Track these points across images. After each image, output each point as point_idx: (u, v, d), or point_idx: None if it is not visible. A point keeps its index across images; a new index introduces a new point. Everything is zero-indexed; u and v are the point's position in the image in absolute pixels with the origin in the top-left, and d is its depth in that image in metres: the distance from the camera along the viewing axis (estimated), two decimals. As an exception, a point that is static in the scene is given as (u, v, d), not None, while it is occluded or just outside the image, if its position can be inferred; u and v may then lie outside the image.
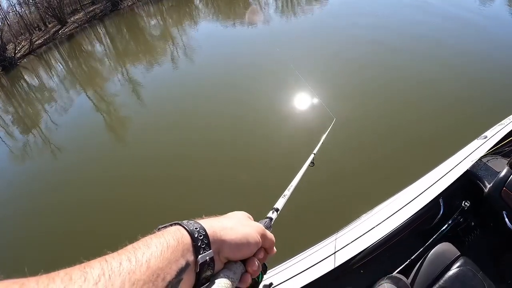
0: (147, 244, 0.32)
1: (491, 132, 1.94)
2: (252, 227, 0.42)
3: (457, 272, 1.34)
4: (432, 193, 1.59)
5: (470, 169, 1.62)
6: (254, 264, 0.41)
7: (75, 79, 10.22)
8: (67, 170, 5.12)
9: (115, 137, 5.92)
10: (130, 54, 10.95)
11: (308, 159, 1.11)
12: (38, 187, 4.99)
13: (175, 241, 0.34)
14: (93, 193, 4.30)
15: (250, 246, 0.40)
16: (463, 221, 1.59)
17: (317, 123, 3.78)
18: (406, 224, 1.52)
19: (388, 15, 7.48)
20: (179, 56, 9.04)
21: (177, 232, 0.35)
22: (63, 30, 17.04)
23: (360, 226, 1.64)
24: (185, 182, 3.87)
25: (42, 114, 8.29)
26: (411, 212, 1.54)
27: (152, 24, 14.54)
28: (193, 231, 0.35)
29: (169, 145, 4.77)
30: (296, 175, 0.86)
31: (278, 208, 0.61)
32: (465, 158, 1.75)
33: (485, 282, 1.32)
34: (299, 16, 9.42)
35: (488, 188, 1.50)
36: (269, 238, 0.44)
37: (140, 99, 6.92)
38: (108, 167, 4.79)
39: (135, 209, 3.70)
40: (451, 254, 1.41)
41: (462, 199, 1.56)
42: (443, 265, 1.38)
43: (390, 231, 1.50)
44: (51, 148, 6.16)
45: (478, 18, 6.39)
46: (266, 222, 0.53)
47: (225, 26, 10.78)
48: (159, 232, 0.35)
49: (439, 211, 1.58)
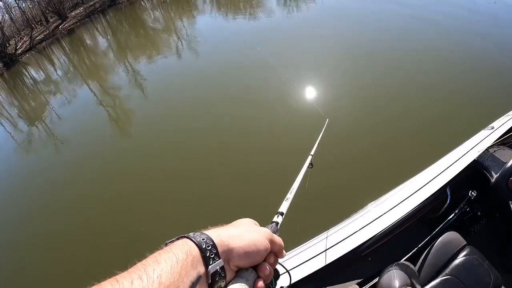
0: (156, 260, 0.32)
1: (498, 123, 1.95)
2: (259, 232, 0.42)
3: (464, 261, 1.35)
4: (439, 182, 1.58)
5: (477, 159, 1.62)
6: (266, 269, 0.40)
7: (77, 74, 10.18)
8: (69, 163, 5.11)
9: (118, 130, 5.91)
10: (131, 47, 10.87)
11: (306, 161, 1.11)
12: (39, 182, 4.96)
13: (183, 254, 0.34)
14: (94, 186, 4.28)
15: (259, 251, 0.40)
16: (469, 211, 1.60)
17: (312, 124, 3.69)
18: (413, 212, 1.53)
19: (377, 12, 7.34)
20: (182, 48, 8.97)
21: (184, 245, 0.35)
22: (63, 26, 16.95)
23: (368, 214, 1.64)
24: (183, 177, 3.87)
25: (45, 107, 8.28)
26: (419, 200, 1.54)
27: (152, 17, 14.43)
28: (200, 242, 0.35)
29: (170, 138, 4.77)
30: (296, 178, 0.86)
31: (282, 212, 0.61)
32: (472, 148, 1.75)
33: (491, 272, 1.32)
34: (293, 11, 9.25)
35: (495, 178, 1.50)
36: (278, 242, 0.44)
37: (143, 91, 6.89)
38: (111, 160, 4.79)
39: (139, 202, 3.70)
40: (458, 243, 1.42)
41: (469, 188, 1.56)
42: (450, 254, 1.39)
43: (398, 219, 1.50)
44: (55, 141, 6.16)
45: (486, 8, 6.29)
46: (272, 226, 0.53)
47: (215, 19, 10.69)
48: (166, 247, 0.35)
49: (446, 200, 1.59)
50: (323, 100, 4.59)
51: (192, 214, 3.23)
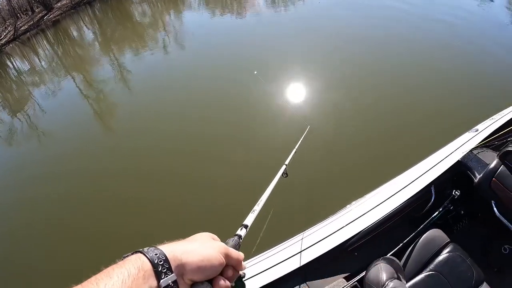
0: (108, 275, 0.33)
1: (482, 126, 1.98)
2: (213, 248, 0.43)
3: (447, 257, 1.39)
4: (424, 181, 1.63)
5: (461, 160, 1.66)
6: (219, 283, 0.42)
7: (61, 66, 10.09)
8: (50, 158, 5.11)
9: (102, 124, 5.95)
10: (117, 40, 10.82)
11: (280, 170, 1.10)
12: (15, 177, 4.93)
13: (135, 269, 0.35)
14: (76, 182, 4.30)
15: (212, 266, 0.41)
16: (453, 209, 1.63)
17: (290, 132, 3.68)
18: (398, 210, 1.57)
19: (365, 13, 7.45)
20: (169, 43, 9.00)
21: (137, 260, 0.36)
22: (48, 16, 16.61)
23: (353, 212, 1.67)
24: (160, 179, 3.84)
25: (28, 99, 8.22)
26: (404, 198, 1.59)
27: (140, 11, 14.30)
28: (153, 257, 0.37)
29: (150, 137, 4.78)
30: (267, 189, 0.84)
31: (247, 225, 0.61)
32: (456, 149, 1.79)
33: (473, 268, 1.37)
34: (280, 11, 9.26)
35: (478, 178, 1.54)
36: (234, 257, 0.45)
37: (127, 85, 6.94)
38: (93, 156, 4.80)
39: (118, 199, 3.75)
40: (441, 240, 1.46)
41: (453, 188, 1.60)
42: (434, 250, 1.43)
43: (383, 216, 1.55)
44: (37, 134, 6.17)
45: (473, 15, 6.51)
46: (234, 240, 0.53)
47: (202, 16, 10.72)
48: (120, 262, 0.36)
49: (431, 199, 1.63)
50: (304, 106, 4.58)
51: (157, 221, 3.24)
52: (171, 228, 3.07)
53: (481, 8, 6.97)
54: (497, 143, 1.74)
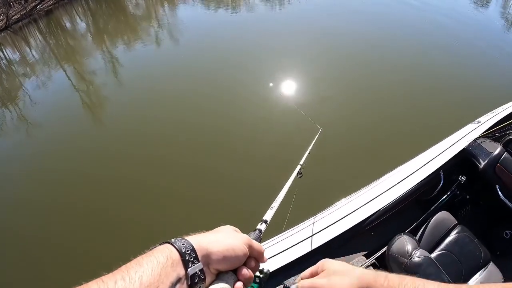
0: (138, 263, 0.35)
1: (484, 118, 2.13)
2: (237, 238, 0.45)
3: (457, 238, 1.49)
4: (433, 166, 1.74)
5: (466, 148, 1.77)
6: (244, 272, 0.43)
7: (53, 56, 9.99)
8: (39, 150, 5.11)
9: (92, 116, 5.95)
10: (110, 32, 10.74)
11: (295, 170, 1.16)
12: None
13: (164, 258, 0.36)
14: (61, 175, 4.31)
15: (237, 256, 0.43)
16: (459, 194, 1.72)
17: (303, 134, 3.71)
18: (410, 192, 1.67)
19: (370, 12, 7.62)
20: (163, 36, 8.96)
21: (165, 250, 0.38)
22: (42, 6, 16.34)
23: (367, 194, 1.76)
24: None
25: (18, 90, 8.15)
26: (414, 182, 1.70)
27: (134, 2, 14.15)
28: (180, 247, 0.38)
29: (145, 125, 4.84)
30: (283, 187, 0.90)
31: (266, 220, 0.65)
32: (461, 139, 1.91)
33: (481, 248, 1.47)
34: None
35: (483, 164, 1.65)
36: (256, 248, 0.47)
37: (119, 78, 6.93)
38: (83, 145, 4.81)
39: (111, 189, 3.83)
40: (450, 222, 1.56)
41: (459, 174, 1.68)
42: (444, 231, 1.53)
43: (396, 198, 1.64)
44: (27, 125, 6.15)
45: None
46: (255, 233, 0.56)
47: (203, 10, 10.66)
48: (149, 251, 0.38)
49: (439, 183, 1.74)
50: (315, 109, 4.65)
51: (176, 218, 3.30)
52: (192, 222, 3.14)
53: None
54: (498, 134, 1.87)
